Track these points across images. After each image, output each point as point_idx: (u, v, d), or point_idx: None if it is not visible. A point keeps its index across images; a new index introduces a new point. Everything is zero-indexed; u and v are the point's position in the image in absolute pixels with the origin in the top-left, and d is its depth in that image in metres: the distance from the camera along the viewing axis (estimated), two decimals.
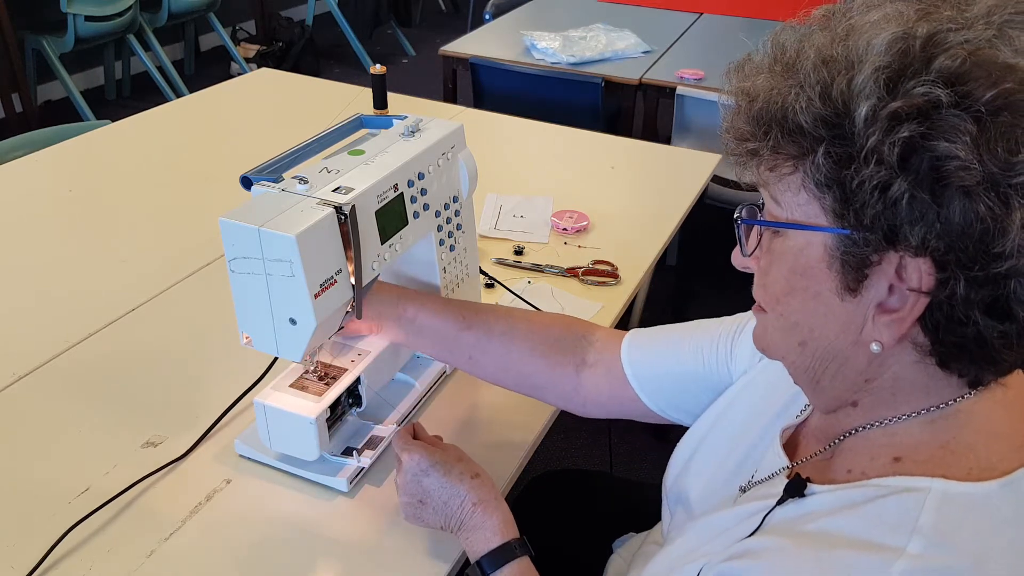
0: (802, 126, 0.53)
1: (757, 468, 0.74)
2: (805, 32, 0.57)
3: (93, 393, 1.09)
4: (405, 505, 0.86)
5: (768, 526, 0.62)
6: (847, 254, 0.54)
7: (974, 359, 0.55)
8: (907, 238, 0.51)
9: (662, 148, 1.87)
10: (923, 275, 0.52)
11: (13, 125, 3.74)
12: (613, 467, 2.08)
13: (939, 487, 0.54)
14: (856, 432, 0.63)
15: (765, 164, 0.58)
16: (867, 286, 0.55)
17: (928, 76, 0.49)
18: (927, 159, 0.49)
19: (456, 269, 1.09)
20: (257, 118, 2.03)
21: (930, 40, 0.50)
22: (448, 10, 6.37)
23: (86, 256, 1.41)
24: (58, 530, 0.88)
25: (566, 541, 1.16)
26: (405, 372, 1.10)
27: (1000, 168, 0.47)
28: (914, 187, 0.49)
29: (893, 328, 0.55)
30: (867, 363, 0.59)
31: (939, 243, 0.50)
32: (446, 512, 0.83)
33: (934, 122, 0.48)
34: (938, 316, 0.53)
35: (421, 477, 0.84)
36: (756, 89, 0.57)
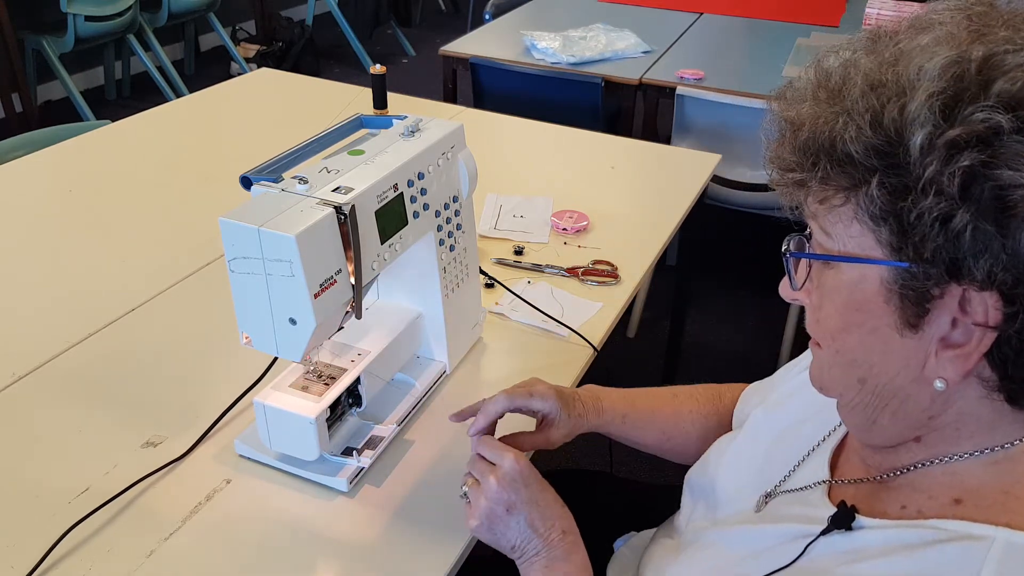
0: (852, 156, 0.51)
1: (789, 475, 0.72)
2: (850, 57, 0.54)
3: (93, 393, 1.09)
4: (486, 510, 0.79)
5: (810, 558, 0.59)
6: (906, 287, 0.52)
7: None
8: (971, 272, 0.48)
9: (662, 148, 1.87)
10: (990, 309, 0.49)
11: (13, 125, 3.74)
12: (613, 467, 2.08)
13: (1003, 536, 0.51)
14: (915, 468, 0.59)
15: (814, 196, 0.55)
16: (928, 321, 0.52)
17: (987, 101, 0.47)
18: (990, 188, 0.46)
19: (456, 269, 1.09)
20: (257, 118, 2.03)
21: (986, 63, 0.48)
22: (448, 10, 6.37)
23: (86, 256, 1.41)
24: (58, 530, 0.88)
25: None
26: (405, 372, 1.10)
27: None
28: (977, 218, 0.47)
29: (958, 364, 0.52)
30: (930, 400, 0.56)
31: (1007, 276, 0.47)
32: (530, 531, 0.77)
33: (996, 149, 0.46)
34: (1007, 351, 0.50)
35: (520, 484, 0.78)
36: (801, 117, 0.54)
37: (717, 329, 2.58)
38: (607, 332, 1.23)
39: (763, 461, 0.77)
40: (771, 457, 0.76)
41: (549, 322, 1.23)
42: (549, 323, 1.23)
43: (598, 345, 1.20)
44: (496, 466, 0.80)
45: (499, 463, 0.80)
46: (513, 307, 1.27)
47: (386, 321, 1.07)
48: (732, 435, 0.86)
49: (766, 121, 0.58)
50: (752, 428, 0.83)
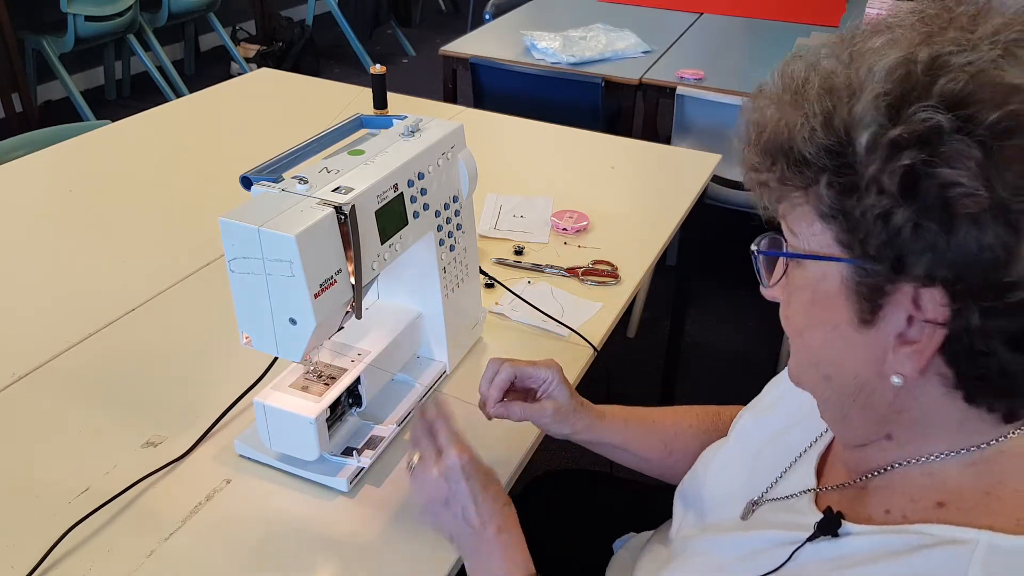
0: (806, 156, 0.52)
1: (775, 482, 0.72)
2: (813, 60, 0.55)
3: (93, 393, 1.09)
4: (427, 501, 0.81)
5: (797, 564, 0.59)
6: (861, 284, 0.53)
7: (1000, 393, 0.53)
8: (914, 268, 0.49)
9: (662, 148, 1.87)
10: (936, 306, 0.50)
11: (13, 125, 3.75)
12: (613, 467, 2.08)
13: (986, 540, 0.51)
14: (893, 468, 0.60)
15: (775, 195, 0.57)
16: (884, 317, 0.53)
17: (929, 101, 0.47)
18: (931, 187, 0.47)
19: (456, 269, 1.09)
20: (257, 118, 2.03)
21: (932, 63, 0.48)
22: (448, 10, 6.37)
23: (86, 256, 1.41)
24: (58, 530, 0.88)
25: (566, 541, 1.16)
26: (405, 372, 1.10)
27: (1010, 194, 0.46)
28: (918, 216, 0.48)
29: (913, 360, 0.53)
30: (894, 396, 0.57)
31: (948, 273, 0.48)
32: (466, 525, 0.79)
33: (936, 148, 0.47)
34: (957, 348, 0.51)
35: (459, 478, 0.79)
36: (765, 120, 0.56)
37: (717, 329, 2.58)
38: (607, 332, 1.23)
39: (751, 468, 0.77)
40: (758, 464, 0.76)
41: (549, 322, 1.23)
42: (549, 323, 1.23)
43: (598, 345, 1.20)
44: (440, 456, 0.81)
45: (444, 453, 0.81)
46: (513, 307, 1.27)
47: (386, 321, 1.07)
48: (721, 443, 0.86)
49: (737, 125, 0.59)
50: (740, 435, 0.83)
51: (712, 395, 2.34)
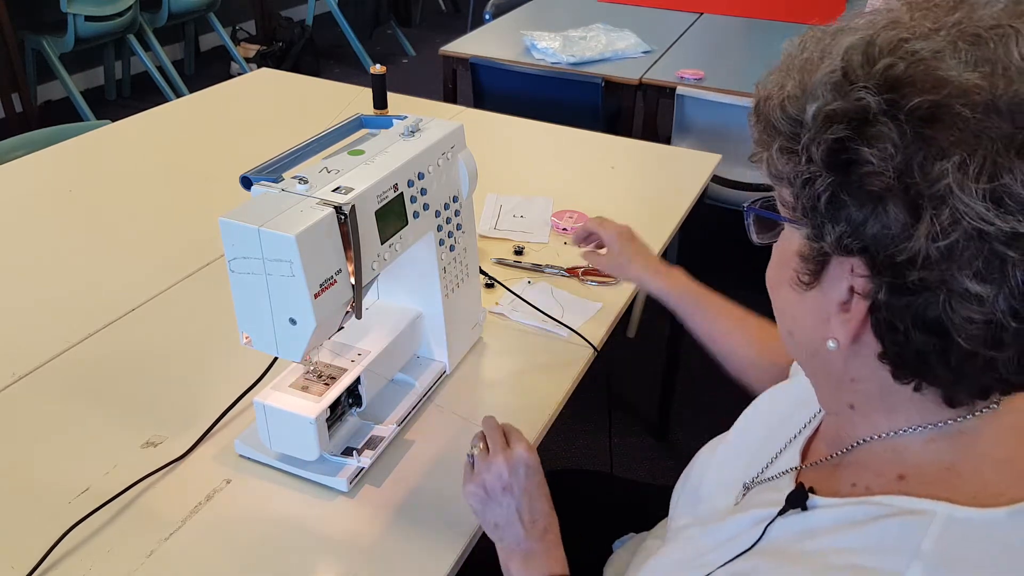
0: (774, 123, 0.56)
1: (767, 465, 0.74)
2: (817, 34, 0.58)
3: (93, 393, 1.09)
4: (482, 483, 0.83)
5: (768, 541, 0.61)
6: (807, 248, 0.57)
7: (917, 371, 0.55)
8: (829, 235, 0.53)
9: (662, 148, 1.87)
10: (857, 276, 0.53)
11: (13, 125, 3.75)
12: (613, 467, 2.08)
13: (943, 511, 0.53)
14: (862, 443, 0.62)
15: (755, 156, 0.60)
16: (825, 282, 0.57)
17: (869, 82, 0.50)
18: (849, 162, 0.50)
19: (456, 269, 1.09)
20: (257, 118, 2.03)
21: (886, 46, 0.51)
22: (448, 10, 6.37)
23: (86, 256, 1.41)
24: (58, 530, 0.88)
25: (566, 541, 1.16)
26: (405, 372, 1.10)
27: (918, 178, 0.48)
28: (835, 187, 0.51)
29: (846, 327, 0.56)
30: (843, 363, 0.59)
31: (854, 244, 0.51)
32: (515, 517, 0.81)
33: (860, 127, 0.50)
34: (880, 320, 0.54)
35: (523, 473, 0.82)
36: (764, 86, 0.59)
37: None
38: (607, 332, 1.23)
39: (748, 456, 0.79)
40: (755, 452, 0.78)
41: (549, 322, 1.23)
42: (549, 323, 1.23)
43: (598, 345, 1.20)
44: (510, 447, 0.85)
45: (514, 446, 0.85)
46: (513, 307, 1.27)
47: (386, 321, 1.07)
48: (720, 438, 0.87)
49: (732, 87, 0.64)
50: (742, 424, 0.85)
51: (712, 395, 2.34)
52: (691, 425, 2.22)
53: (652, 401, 2.20)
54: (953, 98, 0.47)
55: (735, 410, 0.90)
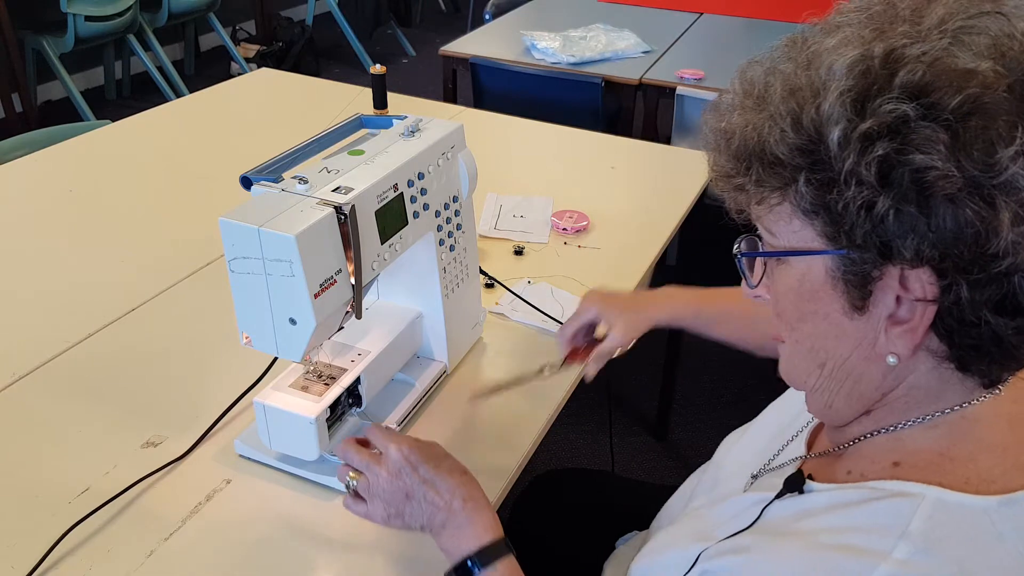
0: (780, 157, 0.54)
1: (776, 455, 0.76)
2: (770, 65, 0.57)
3: (93, 393, 1.09)
4: (388, 503, 0.81)
5: (764, 520, 0.63)
6: (848, 273, 0.55)
7: (994, 358, 0.54)
8: (901, 252, 0.51)
9: (662, 148, 1.87)
10: (925, 284, 0.52)
11: (13, 125, 3.74)
12: (614, 467, 2.08)
13: (934, 495, 0.54)
14: (866, 437, 0.63)
15: (752, 198, 0.59)
16: (874, 302, 0.55)
17: (892, 93, 0.49)
18: (906, 173, 0.49)
19: (456, 269, 1.09)
20: (257, 118, 2.03)
21: (888, 57, 0.50)
22: (448, 10, 6.37)
23: (86, 256, 1.41)
24: (58, 530, 0.88)
25: (568, 540, 1.16)
26: (405, 372, 1.10)
27: (980, 171, 0.48)
28: (898, 202, 0.50)
29: (907, 339, 0.55)
30: (883, 377, 0.59)
31: (933, 252, 0.50)
32: (432, 508, 0.80)
33: (906, 136, 0.49)
34: (949, 322, 0.53)
35: (410, 469, 0.81)
36: (732, 127, 0.58)
37: None
38: None
39: (763, 445, 0.80)
40: (768, 442, 0.80)
41: (549, 322, 1.23)
42: (549, 323, 1.23)
43: None
44: (382, 456, 0.83)
45: (385, 453, 0.83)
46: (513, 307, 1.27)
47: (386, 321, 1.07)
48: (745, 428, 0.88)
49: (701, 135, 0.62)
50: (766, 414, 0.86)
51: (712, 395, 2.33)
52: (691, 425, 2.22)
53: (652, 401, 2.20)
54: (984, 88, 0.48)
55: (735, 409, 0.90)
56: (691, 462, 0.91)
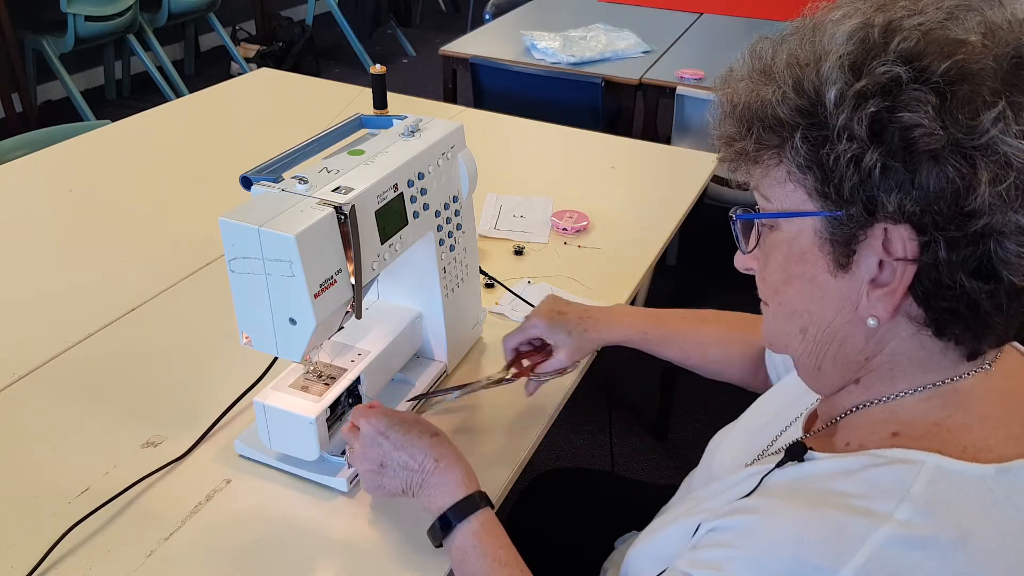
0: (780, 118, 0.57)
1: (772, 441, 0.77)
2: (778, 40, 0.61)
3: (93, 393, 1.09)
4: (365, 473, 0.87)
5: (766, 485, 0.64)
6: (835, 233, 0.58)
7: (968, 324, 0.57)
8: (885, 205, 0.54)
9: (662, 148, 1.87)
10: (906, 242, 0.54)
11: (13, 125, 3.74)
12: (614, 466, 2.08)
13: (934, 461, 0.56)
14: (858, 409, 0.65)
15: (752, 160, 0.61)
16: (857, 262, 0.58)
17: (888, 57, 0.53)
18: (895, 130, 0.52)
19: (456, 269, 1.09)
20: (257, 118, 2.03)
21: (887, 27, 0.54)
22: (448, 10, 6.37)
23: (86, 256, 1.41)
24: (58, 530, 0.88)
25: (568, 540, 1.17)
26: (405, 372, 1.10)
27: (964, 133, 0.51)
28: (886, 157, 0.53)
29: (887, 300, 0.57)
30: (865, 341, 0.61)
31: (915, 207, 0.53)
32: (407, 472, 0.84)
33: (897, 96, 0.52)
34: (927, 283, 0.55)
35: (380, 440, 0.86)
36: (738, 95, 0.61)
37: None
38: None
39: (755, 437, 0.81)
40: (761, 433, 0.81)
41: None
42: None
43: None
44: (356, 433, 0.88)
45: (361, 426, 0.88)
46: (513, 307, 1.27)
47: (386, 321, 1.07)
48: (733, 424, 0.89)
49: (712, 105, 0.65)
50: (752, 410, 0.88)
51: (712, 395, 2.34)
52: (691, 425, 2.22)
53: (652, 401, 2.20)
54: (973, 56, 0.52)
55: (735, 409, 0.90)
56: (691, 462, 0.91)
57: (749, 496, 0.64)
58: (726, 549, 0.60)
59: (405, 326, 1.07)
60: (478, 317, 1.19)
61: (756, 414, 0.87)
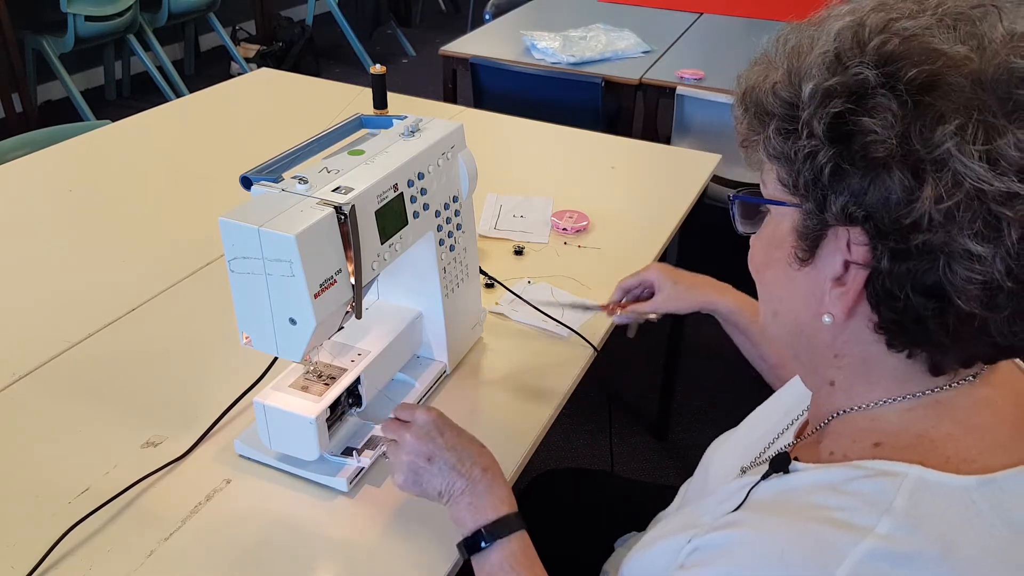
0: (766, 106, 0.58)
1: (766, 448, 0.77)
2: (796, 28, 0.60)
3: (93, 393, 1.09)
4: (408, 465, 0.84)
5: (751, 499, 0.64)
6: (803, 225, 0.58)
7: (915, 339, 0.57)
8: (831, 206, 0.54)
9: (662, 148, 1.87)
10: (855, 245, 0.55)
11: (13, 125, 3.74)
12: (614, 467, 2.08)
13: (916, 473, 0.55)
14: (840, 415, 0.65)
15: (751, 146, 0.62)
16: (820, 257, 0.58)
17: (863, 58, 0.53)
18: (851, 133, 0.52)
19: (456, 269, 1.09)
20: (257, 118, 2.03)
21: (876, 27, 0.54)
22: (448, 10, 6.37)
23: (86, 256, 1.41)
24: (58, 530, 0.88)
25: (568, 540, 1.16)
26: (405, 372, 1.10)
27: (919, 144, 0.50)
28: (838, 158, 0.53)
29: (842, 300, 0.57)
30: (832, 338, 0.61)
31: (859, 212, 0.53)
32: (453, 474, 0.82)
33: (860, 99, 0.52)
34: (877, 289, 0.55)
35: (435, 434, 0.84)
36: (748, 79, 0.61)
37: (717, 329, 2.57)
38: (607, 332, 1.23)
39: (751, 444, 0.81)
40: (756, 439, 0.81)
41: (549, 322, 1.23)
42: (549, 323, 1.23)
43: (598, 345, 1.20)
44: (410, 423, 0.86)
45: (413, 419, 0.86)
46: (513, 307, 1.27)
47: (386, 321, 1.07)
48: (732, 430, 0.89)
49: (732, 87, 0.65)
50: (752, 417, 0.88)
51: (712, 395, 2.33)
52: (691, 425, 2.22)
53: (652, 401, 2.20)
54: (947, 68, 0.51)
55: (735, 410, 0.90)
56: (691, 462, 0.91)
57: (736, 511, 0.64)
58: (711, 568, 0.60)
59: (405, 326, 1.07)
60: (478, 317, 1.19)
61: (755, 422, 0.86)
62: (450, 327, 1.10)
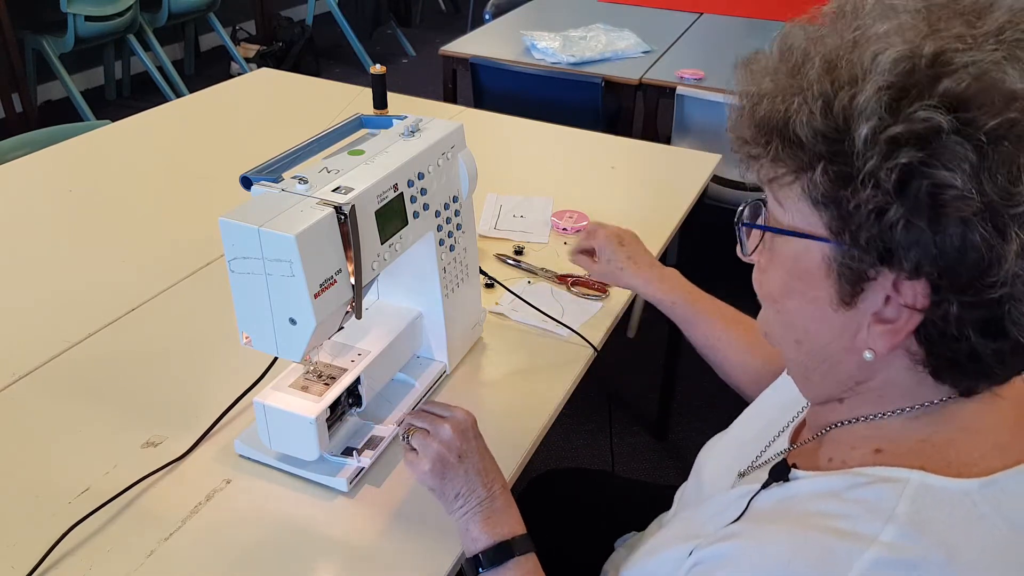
0: (802, 139, 0.52)
1: (761, 452, 0.76)
2: (813, 34, 0.55)
3: (93, 393, 1.09)
4: (437, 457, 0.82)
5: (752, 509, 0.63)
6: (844, 267, 0.54)
7: (967, 373, 0.55)
8: (901, 262, 0.50)
9: (662, 148, 1.87)
10: (918, 295, 0.52)
11: (13, 125, 3.74)
12: (614, 467, 2.08)
13: (918, 479, 0.55)
14: (843, 424, 0.64)
15: (765, 171, 0.57)
16: (863, 298, 0.55)
17: (931, 100, 0.47)
18: (925, 186, 0.48)
19: (456, 269, 1.09)
20: (257, 118, 2.03)
21: (936, 60, 0.48)
22: (448, 10, 6.37)
23: (86, 256, 1.41)
24: (58, 530, 0.88)
25: (568, 540, 1.16)
26: (405, 372, 1.10)
27: (999, 198, 0.47)
28: (910, 214, 0.49)
29: (887, 338, 0.55)
30: (857, 368, 0.59)
31: (933, 268, 0.50)
32: (478, 479, 0.82)
33: (934, 149, 0.47)
34: (932, 332, 0.53)
35: (470, 436, 0.84)
36: (761, 93, 0.56)
37: None
38: (607, 332, 1.23)
39: (746, 446, 0.81)
40: (751, 442, 0.80)
41: (549, 322, 1.23)
42: (549, 323, 1.23)
43: (598, 345, 1.20)
44: (449, 417, 0.86)
45: (451, 415, 0.86)
46: (513, 307, 1.27)
47: (386, 321, 1.07)
48: (724, 432, 0.89)
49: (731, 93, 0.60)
50: (743, 418, 0.87)
51: (712, 395, 2.33)
52: (691, 425, 2.22)
53: (652, 401, 2.20)
54: None
55: (735, 410, 0.90)
56: (691, 462, 0.91)
57: (737, 521, 0.63)
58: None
59: (405, 326, 1.07)
60: (478, 317, 1.19)
61: (745, 424, 0.86)
62: (450, 327, 1.10)
